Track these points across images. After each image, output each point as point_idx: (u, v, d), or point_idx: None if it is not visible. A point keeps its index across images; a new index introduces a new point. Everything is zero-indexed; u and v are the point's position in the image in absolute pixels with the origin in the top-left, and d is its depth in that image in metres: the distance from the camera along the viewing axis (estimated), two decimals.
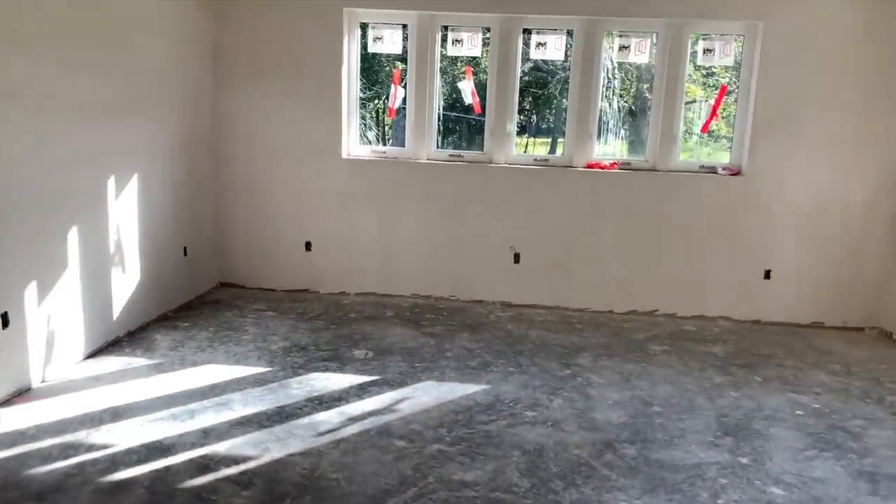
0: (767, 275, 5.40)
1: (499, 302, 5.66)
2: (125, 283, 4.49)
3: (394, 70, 5.75)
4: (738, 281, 5.42)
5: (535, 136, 10.32)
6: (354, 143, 5.71)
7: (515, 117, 5.57)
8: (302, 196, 5.63)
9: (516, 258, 5.60)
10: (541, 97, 9.50)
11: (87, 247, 4.05)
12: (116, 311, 4.41)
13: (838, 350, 4.90)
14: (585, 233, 5.50)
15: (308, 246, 5.72)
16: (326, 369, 4.12)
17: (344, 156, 5.59)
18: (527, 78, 8.59)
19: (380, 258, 5.68)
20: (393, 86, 5.65)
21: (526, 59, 5.64)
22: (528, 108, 9.83)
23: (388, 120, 7.61)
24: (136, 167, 4.54)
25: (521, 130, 9.79)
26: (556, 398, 3.89)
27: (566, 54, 5.52)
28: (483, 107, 5.60)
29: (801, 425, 3.65)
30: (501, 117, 5.51)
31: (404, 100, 5.62)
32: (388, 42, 5.53)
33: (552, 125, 9.66)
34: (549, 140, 9.77)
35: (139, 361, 4.13)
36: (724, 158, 5.63)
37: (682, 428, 3.57)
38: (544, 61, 6.54)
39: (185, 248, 5.24)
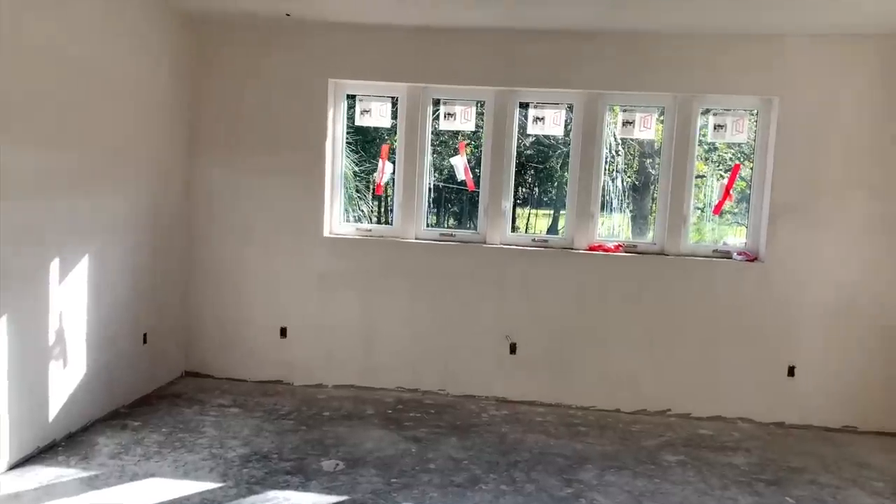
0: (791, 371, 4.85)
1: (493, 398, 5.09)
2: (67, 378, 3.96)
3: (383, 145, 5.38)
4: (758, 378, 4.87)
5: (536, 209, 9.94)
6: (338, 221, 5.28)
7: (511, 195, 5.15)
8: (279, 277, 5.16)
9: (512, 348, 5.07)
10: (542, 171, 9.18)
11: (20, 337, 3.54)
12: (54, 410, 3.86)
13: (878, 463, 4.30)
14: (589, 322, 4.98)
15: (283, 332, 5.20)
16: (287, 486, 3.54)
17: (326, 234, 5.15)
18: (528, 151, 8.28)
19: (362, 347, 5.16)
20: (381, 161, 5.26)
21: (524, 133, 5.27)
22: (529, 180, 9.51)
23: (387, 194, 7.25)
24: (90, 245, 4.09)
25: (523, 202, 9.45)
26: None
27: (566, 129, 5.15)
28: (477, 183, 5.20)
29: None
30: (497, 195, 5.09)
31: (393, 175, 5.23)
32: (377, 115, 5.18)
33: (554, 198, 9.30)
34: (551, 212, 9.40)
35: (70, 474, 3.55)
36: (738, 235, 5.17)
37: None
38: (545, 136, 6.20)
39: (144, 335, 4.73)
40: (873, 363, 4.77)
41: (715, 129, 4.86)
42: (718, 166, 7.52)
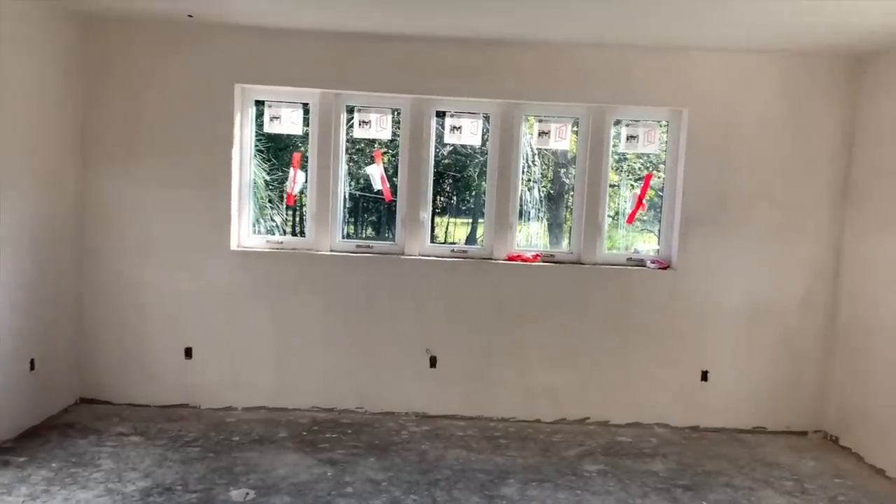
0: (705, 376, 4.96)
1: (413, 413, 4.96)
2: None
3: (294, 153, 5.17)
4: (673, 383, 4.95)
5: (455, 217, 9.90)
6: (246, 233, 5.02)
7: (430, 205, 5.05)
8: (182, 294, 4.85)
9: (432, 362, 4.95)
10: (461, 180, 9.16)
11: None
12: None
13: (787, 462, 4.43)
14: (509, 332, 4.93)
15: (188, 353, 4.89)
16: None
17: (233, 247, 4.88)
18: (446, 160, 8.22)
19: (273, 366, 4.91)
20: (293, 169, 5.05)
21: (441, 142, 5.19)
22: (447, 189, 9.46)
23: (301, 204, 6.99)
24: None
25: (442, 211, 9.39)
26: None
27: (483, 139, 5.10)
28: (395, 192, 5.07)
29: None
30: (414, 205, 4.98)
31: (306, 184, 5.03)
32: (287, 122, 4.97)
33: (472, 206, 9.28)
34: (470, 221, 9.39)
35: None
36: (648, 242, 5.26)
37: None
38: (462, 146, 6.14)
39: (31, 361, 4.32)
40: (778, 365, 4.94)
41: (627, 139, 4.93)
42: (629, 175, 7.72)
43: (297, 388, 4.91)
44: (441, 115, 5.02)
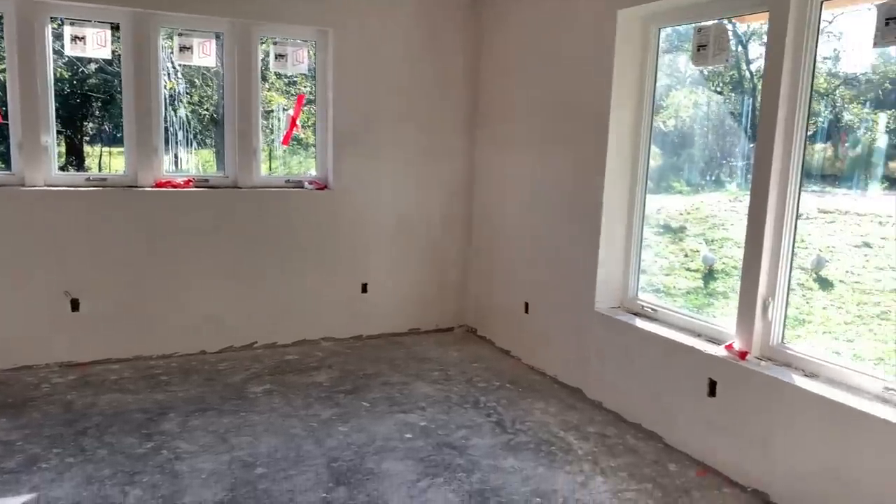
0: (364, 288, 5.28)
1: (56, 364, 4.43)
2: None
3: None
4: (336, 298, 5.19)
5: (110, 146, 8.87)
6: None
7: (53, 128, 4.39)
8: None
9: (74, 305, 4.45)
10: (111, 103, 8.16)
11: None
12: None
13: (435, 356, 5.00)
14: (164, 264, 4.63)
15: None
16: None
17: None
18: (93, 80, 7.21)
19: None
20: None
21: (61, 55, 4.51)
22: (97, 113, 8.38)
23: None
24: None
25: (94, 140, 8.29)
26: (134, 488, 3.03)
27: (114, 53, 4.56)
28: (6, 114, 4.30)
29: (412, 451, 3.47)
30: (33, 128, 4.29)
31: None
32: None
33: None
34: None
35: None
36: (311, 165, 5.34)
37: (291, 489, 3.06)
38: (107, 63, 5.41)
39: None
40: (427, 273, 5.48)
41: (276, 58, 4.84)
42: (294, 98, 7.62)
43: None
44: (58, 21, 4.35)
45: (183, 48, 4.56)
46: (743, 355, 3.25)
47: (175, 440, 3.50)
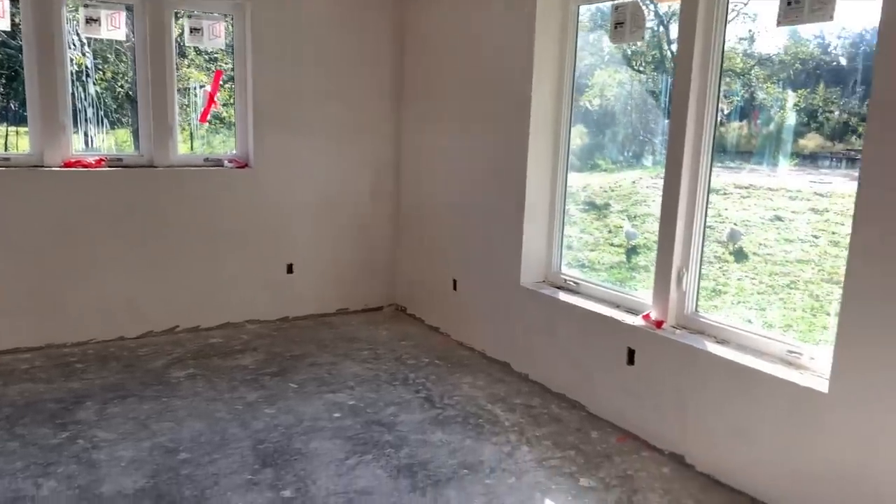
0: (290, 269, 5.20)
1: None
2: None
3: None
4: (261, 279, 5.09)
5: (16, 125, 8.37)
6: None
7: None
8: None
9: None
10: (14, 79, 7.68)
11: None
12: None
13: (365, 335, 4.98)
14: (75, 249, 4.43)
15: None
16: None
17: None
18: None
19: None
20: None
21: None
22: (2, 90, 7.89)
23: None
24: None
25: (1, 118, 7.83)
26: (49, 480, 2.91)
27: (16, 24, 4.29)
28: None
29: (341, 430, 3.47)
30: None
31: None
32: None
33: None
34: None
35: None
36: (230, 143, 5.18)
37: (216, 472, 3.01)
38: (11, 38, 5.07)
39: None
40: (355, 251, 5.43)
41: (192, 32, 4.65)
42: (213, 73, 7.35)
43: None
44: None
45: (90, 20, 4.33)
46: (659, 324, 3.38)
47: (92, 429, 3.37)
